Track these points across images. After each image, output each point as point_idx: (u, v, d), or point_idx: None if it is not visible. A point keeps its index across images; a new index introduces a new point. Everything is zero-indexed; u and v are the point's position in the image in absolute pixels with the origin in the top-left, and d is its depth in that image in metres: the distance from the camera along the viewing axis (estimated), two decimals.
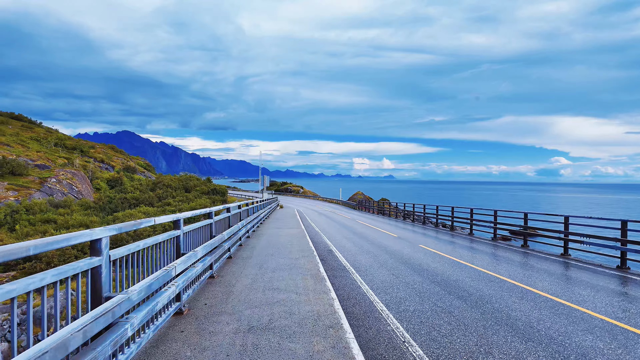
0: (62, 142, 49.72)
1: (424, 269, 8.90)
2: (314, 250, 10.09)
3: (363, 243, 13.30)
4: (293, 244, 11.20)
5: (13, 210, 28.79)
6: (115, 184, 44.32)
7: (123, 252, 3.01)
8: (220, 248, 6.28)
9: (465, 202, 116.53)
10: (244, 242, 11.10)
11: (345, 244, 13.04)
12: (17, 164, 34.86)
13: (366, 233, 16.87)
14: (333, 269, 8.53)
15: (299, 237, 12.99)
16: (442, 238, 15.80)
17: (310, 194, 73.63)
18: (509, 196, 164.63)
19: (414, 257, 10.55)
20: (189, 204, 40.02)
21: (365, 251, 11.36)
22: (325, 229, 18.18)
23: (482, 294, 6.69)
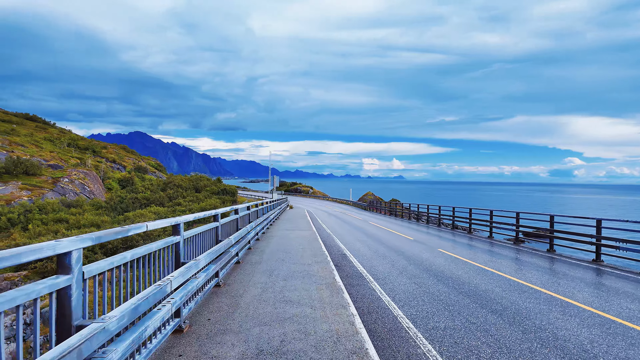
0: (75, 142, 50.29)
1: (448, 276, 8.16)
2: (327, 254, 9.45)
3: (378, 246, 12.60)
4: (305, 247, 10.57)
5: (26, 210, 28.97)
6: (126, 184, 44.53)
7: (103, 266, 2.44)
8: (227, 254, 5.70)
9: (477, 203, 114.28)
10: (254, 245, 10.55)
11: (360, 247, 12.35)
12: (30, 164, 35.19)
13: (380, 235, 16.15)
14: (349, 276, 7.87)
15: (311, 240, 12.37)
16: (460, 241, 14.95)
17: (320, 195, 73.04)
18: (522, 197, 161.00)
19: (435, 262, 9.80)
20: (199, 204, 39.88)
21: (381, 256, 10.66)
22: (338, 231, 17.54)
23: (518, 308, 5.95)
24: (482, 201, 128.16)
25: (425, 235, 17.02)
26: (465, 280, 7.87)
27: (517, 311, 5.78)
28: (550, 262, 10.59)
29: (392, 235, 16.23)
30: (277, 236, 13.35)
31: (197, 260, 3.98)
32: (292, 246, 10.79)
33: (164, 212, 36.27)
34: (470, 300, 6.28)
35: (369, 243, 13.50)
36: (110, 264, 2.52)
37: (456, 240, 15.40)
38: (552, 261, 10.89)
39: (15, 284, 19.47)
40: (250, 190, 74.47)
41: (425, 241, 14.47)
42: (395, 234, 16.80)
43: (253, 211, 10.83)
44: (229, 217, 7.22)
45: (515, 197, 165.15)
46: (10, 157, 35.74)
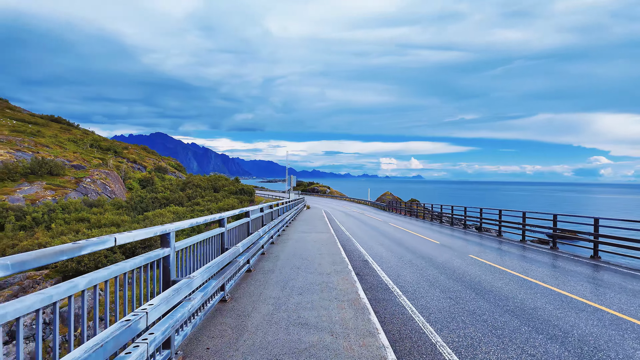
0: (97, 143, 51.43)
1: (487, 289, 7.10)
2: (347, 261, 8.58)
3: (402, 252, 11.58)
4: (323, 252, 9.74)
5: (50, 209, 29.54)
6: (146, 184, 45.11)
7: (25, 306, 1.65)
8: (234, 264, 4.92)
9: (501, 203, 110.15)
10: (268, 250, 9.90)
11: (382, 252, 11.36)
12: (54, 165, 36.03)
13: (403, 239, 15.07)
14: (374, 289, 6.95)
15: (329, 244, 11.53)
16: (491, 245, 13.72)
17: (337, 194, 72.07)
18: (545, 197, 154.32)
19: (468, 272, 8.71)
20: (217, 203, 39.83)
21: (408, 263, 9.65)
22: (357, 234, 16.59)
23: (582, 334, 4.89)
24: (505, 201, 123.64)
25: (451, 238, 15.83)
26: (507, 294, 6.80)
27: (582, 339, 4.72)
28: (598, 272, 9.31)
29: (415, 239, 15.15)
30: (293, 239, 12.60)
31: (191, 277, 3.19)
32: (309, 251, 10.00)
33: (182, 211, 36.37)
34: (521, 322, 5.25)
35: (391, 247, 12.50)
36: (48, 299, 1.75)
37: (486, 244, 14.18)
38: (599, 270, 9.59)
39: (37, 282, 19.60)
40: (267, 190, 74.44)
41: (452, 245, 13.33)
42: (418, 237, 15.71)
43: (267, 213, 10.04)
44: (239, 221, 6.46)
45: (540, 197, 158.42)
46: (36, 158, 36.70)
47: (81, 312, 1.97)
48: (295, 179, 39.54)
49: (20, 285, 19.18)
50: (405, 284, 7.42)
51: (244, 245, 5.57)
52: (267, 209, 9.62)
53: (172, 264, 3.25)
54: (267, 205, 9.24)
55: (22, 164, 35.27)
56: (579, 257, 11.76)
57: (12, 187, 32.35)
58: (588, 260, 11.21)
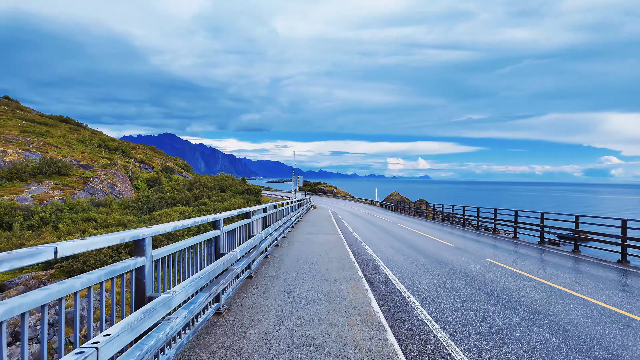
0: (105, 143, 51.63)
1: (513, 299, 6.39)
2: (357, 266, 7.97)
3: (415, 255, 10.87)
4: (330, 256, 9.14)
5: (58, 209, 29.50)
6: (154, 184, 45.06)
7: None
8: (230, 272, 4.32)
9: (509, 204, 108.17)
10: (272, 253, 9.37)
11: (394, 256, 10.67)
12: (62, 165, 36.10)
13: (414, 241, 14.37)
14: (387, 298, 6.27)
15: (337, 246, 10.92)
16: (508, 248, 12.92)
17: (344, 195, 71.38)
18: (556, 198, 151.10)
19: (489, 278, 7.98)
20: (224, 203, 39.54)
21: (422, 268, 8.94)
22: (366, 235, 15.88)
23: (635, 356, 4.18)
24: (515, 202, 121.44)
25: (465, 240, 15.05)
26: (537, 305, 6.06)
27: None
28: (631, 278, 8.51)
29: (427, 241, 14.43)
30: (299, 241, 12.03)
31: (169, 294, 2.59)
32: (315, 254, 9.39)
33: (189, 211, 36.14)
34: (560, 340, 4.54)
35: (403, 250, 11.81)
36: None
37: (502, 247, 13.38)
38: (632, 276, 8.80)
39: (42, 282, 19.35)
40: (274, 190, 74.12)
41: (467, 248, 12.56)
42: (430, 239, 14.98)
43: (271, 213, 9.44)
44: (238, 222, 5.86)
45: (550, 197, 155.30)
46: (44, 158, 36.83)
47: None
48: (302, 179, 39.01)
49: (26, 285, 18.96)
50: (422, 293, 6.75)
51: (243, 250, 4.96)
52: (271, 209, 9.02)
53: (147, 276, 2.66)
54: (271, 205, 8.65)
55: (30, 164, 35.41)
56: (606, 262, 10.92)
57: (21, 186, 32.44)
58: (616, 265, 10.38)
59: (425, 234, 16.80)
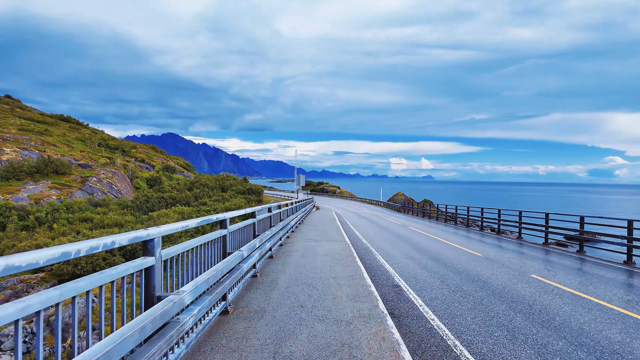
0: (106, 142, 51.01)
1: (612, 349, 4.53)
2: (375, 292, 6.24)
3: (441, 270, 9.05)
4: (338, 274, 7.59)
5: (54, 209, 28.80)
6: (154, 183, 44.36)
7: None
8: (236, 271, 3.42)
9: (514, 204, 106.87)
10: (263, 269, 7.75)
11: (416, 271, 8.81)
12: (60, 164, 35.40)
13: (433, 248, 12.57)
14: (427, 350, 4.40)
15: (345, 259, 9.42)
16: (547, 259, 11.08)
17: (347, 195, 70.45)
18: (560, 198, 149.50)
19: (553, 308, 6.04)
20: (224, 203, 38.79)
21: (457, 291, 7.01)
22: (376, 242, 14.17)
23: None
24: (519, 202, 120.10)
25: (491, 248, 13.20)
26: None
27: None
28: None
29: (447, 248, 12.70)
30: (298, 251, 10.52)
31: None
32: (318, 271, 7.74)
33: (188, 211, 35.38)
34: None
35: (425, 263, 9.93)
36: None
37: (539, 257, 11.53)
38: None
39: (31, 286, 18.53)
40: (276, 190, 73.29)
41: (500, 259, 10.70)
42: (450, 246, 13.37)
43: (264, 217, 8.08)
44: (244, 221, 4.86)
45: (554, 198, 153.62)
46: (42, 157, 36.11)
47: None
48: (305, 179, 38.11)
49: (14, 290, 18.15)
50: (474, 337, 4.81)
51: (204, 283, 3.71)
52: (262, 213, 7.62)
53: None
54: (264, 207, 7.47)
55: (27, 162, 34.69)
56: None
57: (17, 186, 31.73)
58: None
59: (442, 240, 15.39)
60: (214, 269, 3.79)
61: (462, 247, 13.47)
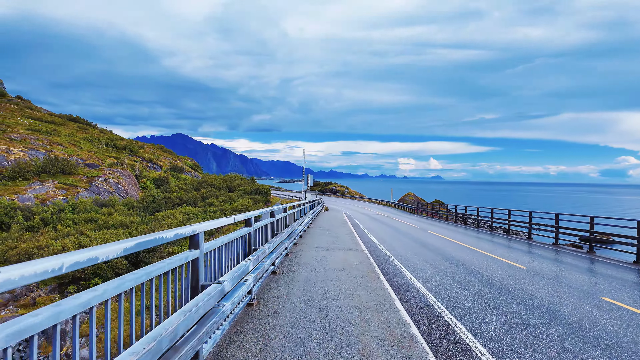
0: (113, 142, 50.81)
1: None
2: (415, 331, 4.70)
3: (489, 291, 7.16)
4: (360, 301, 5.89)
5: (60, 209, 28.38)
6: (161, 184, 43.91)
7: None
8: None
9: (525, 205, 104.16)
10: (261, 291, 6.09)
11: (458, 294, 6.98)
12: (67, 163, 35.07)
13: (467, 260, 10.55)
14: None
15: (365, 276, 7.70)
16: (608, 274, 9.15)
17: (356, 195, 69.20)
18: (572, 199, 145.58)
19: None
20: (231, 204, 38.10)
21: (525, 327, 5.19)
22: (397, 250, 12.10)
23: None
24: (530, 203, 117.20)
25: (529, 257, 11.37)
26: None
27: None
28: None
29: (484, 259, 10.75)
30: (307, 264, 8.82)
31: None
32: (334, 298, 5.97)
33: (195, 212, 34.75)
34: None
35: (464, 280, 8.07)
36: None
37: (596, 270, 9.54)
38: None
39: (30, 289, 17.89)
40: (284, 190, 72.48)
41: (549, 273, 8.90)
42: (487, 256, 11.35)
43: (264, 224, 6.74)
44: (175, 258, 3.48)
45: (566, 198, 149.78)
46: (48, 157, 35.85)
47: None
48: (313, 179, 37.08)
49: (12, 293, 17.53)
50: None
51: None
52: (262, 219, 6.01)
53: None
54: (265, 211, 6.01)
55: (34, 162, 34.43)
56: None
57: (24, 186, 31.44)
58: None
59: (470, 246, 13.50)
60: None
61: (497, 256, 11.51)
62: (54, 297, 15.99)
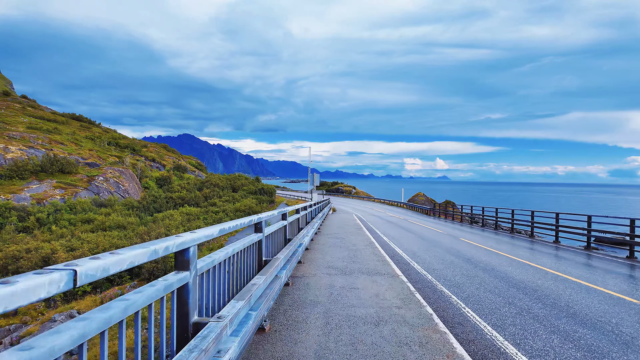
0: (116, 141, 49.77)
1: None
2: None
3: None
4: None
5: (56, 209, 27.18)
6: (164, 183, 42.71)
7: None
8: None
9: (532, 205, 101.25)
10: (256, 344, 3.87)
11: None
12: (66, 162, 33.94)
13: (549, 288, 7.22)
14: None
15: (423, 337, 4.27)
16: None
17: (364, 195, 67.37)
18: (581, 199, 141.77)
19: None
20: (234, 204, 36.71)
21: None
22: (445, 274, 8.42)
23: None
24: (538, 203, 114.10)
25: (606, 275, 8.72)
26: None
27: None
28: None
29: (567, 285, 7.49)
30: (317, 305, 5.54)
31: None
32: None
33: (197, 212, 33.36)
34: None
35: (568, 334, 4.81)
36: None
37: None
38: None
39: None
40: (289, 190, 70.95)
41: None
42: (570, 281, 7.95)
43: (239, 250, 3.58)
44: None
45: (575, 198, 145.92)
46: (47, 155, 34.68)
47: None
48: (319, 178, 35.38)
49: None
50: None
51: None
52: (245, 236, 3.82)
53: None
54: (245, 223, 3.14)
55: (32, 161, 33.27)
56: None
57: (21, 185, 30.27)
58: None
59: (536, 265, 9.77)
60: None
61: (582, 280, 8.10)
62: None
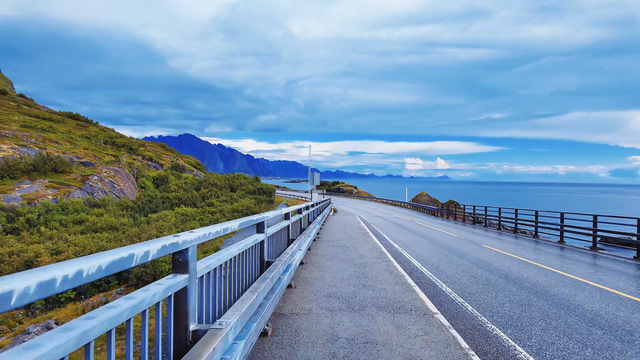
0: (112, 140, 48.78)
1: None
2: None
3: None
4: None
5: (48, 210, 26.19)
6: (161, 183, 41.72)
7: None
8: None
9: (535, 204, 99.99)
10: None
11: None
12: (60, 161, 32.94)
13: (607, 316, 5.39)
14: None
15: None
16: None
17: (365, 195, 66.26)
18: (583, 199, 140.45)
19: None
20: (232, 204, 35.70)
21: None
22: (475, 292, 6.59)
23: None
24: (540, 203, 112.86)
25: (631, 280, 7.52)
26: None
27: None
28: None
29: None
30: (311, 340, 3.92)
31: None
32: None
33: (193, 212, 32.31)
34: None
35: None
36: None
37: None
38: None
39: None
40: (290, 190, 69.90)
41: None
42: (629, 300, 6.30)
43: None
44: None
45: (577, 198, 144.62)
46: (40, 154, 33.65)
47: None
48: (319, 177, 34.27)
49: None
50: None
51: None
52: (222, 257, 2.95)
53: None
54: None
55: (24, 160, 32.25)
56: None
57: (11, 185, 29.26)
58: None
59: (585, 281, 7.75)
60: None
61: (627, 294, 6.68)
62: None
